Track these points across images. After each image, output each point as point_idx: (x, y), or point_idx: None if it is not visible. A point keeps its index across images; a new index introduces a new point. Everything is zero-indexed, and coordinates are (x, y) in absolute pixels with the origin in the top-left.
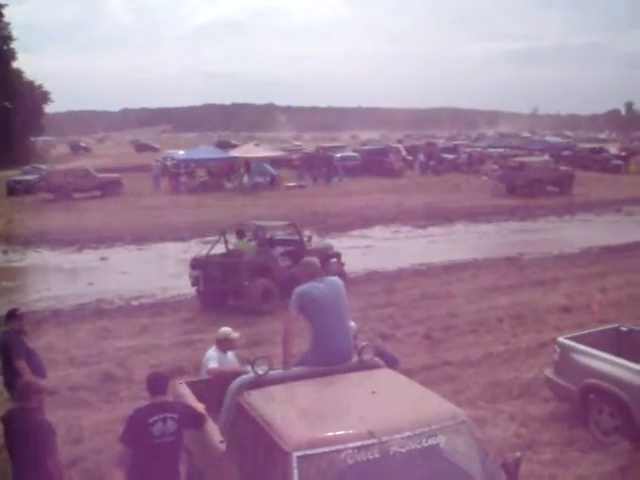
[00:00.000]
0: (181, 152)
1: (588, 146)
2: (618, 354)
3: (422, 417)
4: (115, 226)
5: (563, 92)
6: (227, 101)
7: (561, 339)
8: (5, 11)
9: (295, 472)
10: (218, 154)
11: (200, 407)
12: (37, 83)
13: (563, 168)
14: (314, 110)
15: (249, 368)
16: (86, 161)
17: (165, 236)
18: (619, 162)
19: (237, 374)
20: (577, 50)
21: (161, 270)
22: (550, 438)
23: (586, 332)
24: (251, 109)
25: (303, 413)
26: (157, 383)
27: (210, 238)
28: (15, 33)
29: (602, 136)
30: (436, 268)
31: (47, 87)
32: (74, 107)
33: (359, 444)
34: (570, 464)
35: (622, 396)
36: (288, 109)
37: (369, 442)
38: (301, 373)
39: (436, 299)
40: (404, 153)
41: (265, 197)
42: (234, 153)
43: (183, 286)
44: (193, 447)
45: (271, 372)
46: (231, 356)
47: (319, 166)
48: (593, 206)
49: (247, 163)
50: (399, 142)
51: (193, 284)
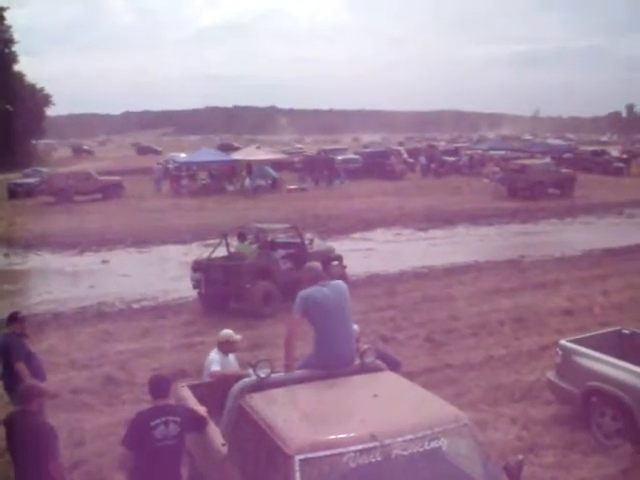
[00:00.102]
0: (183, 155)
1: (590, 149)
2: (620, 357)
3: (424, 420)
4: (116, 229)
5: (564, 95)
6: (229, 104)
7: (563, 342)
8: (6, 14)
9: (297, 475)
10: (220, 157)
11: (202, 410)
12: (38, 86)
13: (564, 171)
14: (316, 113)
15: (251, 371)
16: (88, 164)
17: (166, 239)
18: (620, 164)
19: (239, 377)
20: (578, 53)
21: (162, 273)
22: (552, 441)
23: (588, 335)
24: (253, 112)
25: (305, 416)
26: (159, 386)
27: (211, 241)
28: (16, 36)
29: (604, 139)
30: (437, 271)
31: (48, 90)
32: (75, 110)
33: (361, 447)
34: (572, 467)
35: (624, 399)
36: (290, 112)
37: (371, 445)
38: (303, 376)
39: (437, 302)
40: (405, 156)
41: (266, 200)
42: (236, 156)
43: (184, 289)
44: (195, 450)
45: (273, 375)
46: (232, 359)
47: (321, 169)
48: (595, 209)
49: (249, 166)
50: (400, 145)
51: (195, 287)
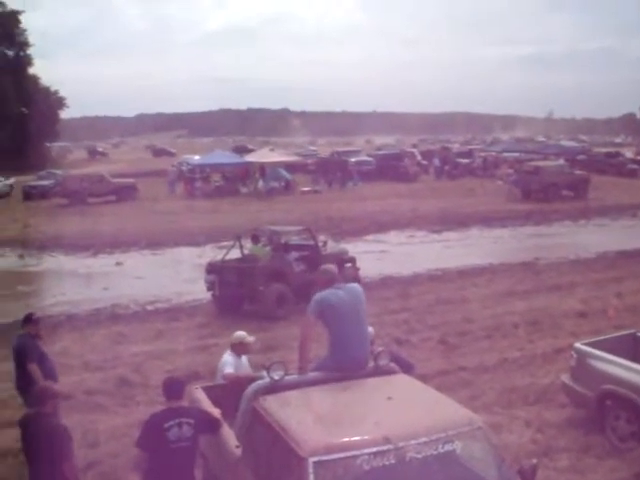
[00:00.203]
0: (196, 157)
1: (603, 150)
2: (635, 360)
3: (438, 423)
4: (130, 231)
5: (578, 96)
6: (242, 106)
7: (578, 345)
8: (21, 17)
9: (311, 477)
10: (233, 159)
11: (216, 412)
12: (53, 89)
13: (578, 172)
14: (329, 115)
15: (265, 373)
16: (102, 166)
17: (180, 241)
18: (635, 166)
19: (252, 379)
20: (590, 54)
21: (176, 275)
22: (566, 444)
23: (603, 338)
24: (266, 114)
25: (319, 418)
26: (173, 388)
27: (225, 243)
28: (31, 39)
29: (617, 140)
30: (451, 273)
31: (62, 93)
32: (89, 113)
33: (375, 450)
34: (587, 471)
35: (639, 402)
36: (302, 114)
37: (385, 448)
38: (317, 378)
39: (451, 304)
40: (419, 158)
41: (280, 202)
42: (249, 158)
43: (198, 291)
44: (209, 452)
45: (287, 377)
46: (244, 361)
47: (334, 171)
48: (609, 211)
49: (262, 168)
50: (414, 147)
51: (208, 289)
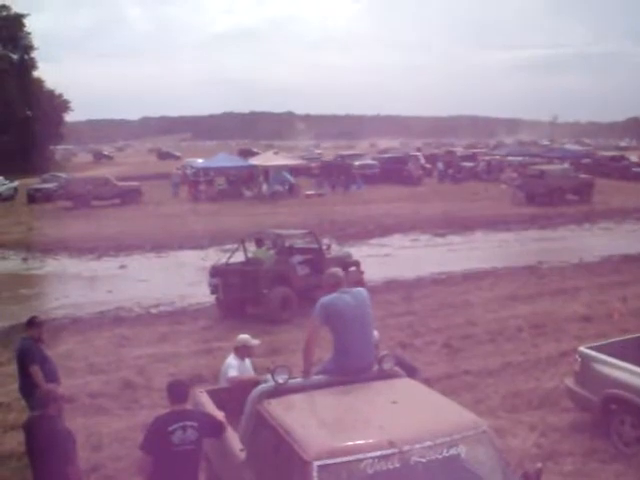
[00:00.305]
0: (200, 160)
1: (608, 154)
2: None
3: (443, 427)
4: (134, 234)
5: (582, 100)
6: (246, 109)
7: (582, 349)
8: (26, 21)
9: None
10: (237, 162)
11: (220, 415)
12: (57, 92)
13: (583, 176)
14: (333, 118)
15: (269, 377)
16: (106, 169)
17: (184, 244)
18: (639, 170)
19: (257, 382)
20: (596, 58)
21: (180, 278)
22: (571, 449)
23: (607, 342)
24: (270, 117)
25: (323, 422)
26: (178, 391)
27: (229, 246)
28: (35, 42)
29: (622, 144)
30: (455, 277)
31: (67, 96)
32: (93, 116)
33: (379, 454)
34: (591, 475)
35: None
36: (307, 117)
37: (390, 452)
38: (321, 382)
39: (455, 308)
40: (423, 161)
41: (284, 205)
42: (253, 161)
43: (202, 294)
44: (213, 455)
45: (291, 381)
46: (248, 364)
47: (338, 174)
48: (613, 214)
49: (266, 171)
50: (418, 150)
51: (212, 292)
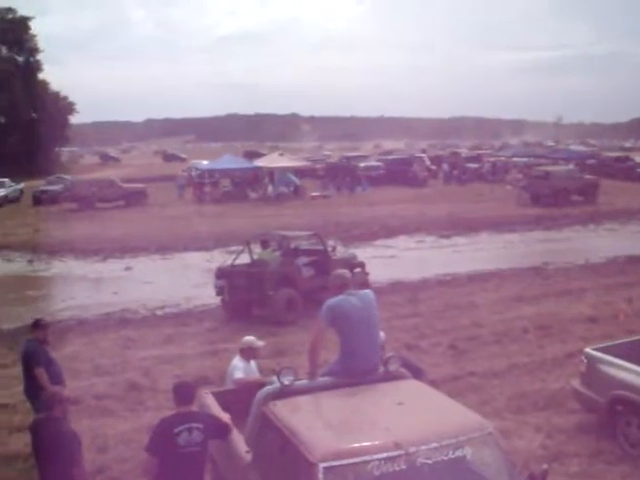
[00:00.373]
0: (205, 162)
1: (613, 155)
2: None
3: (449, 428)
4: (139, 236)
5: (586, 101)
6: (250, 111)
7: (588, 350)
8: (31, 23)
9: None
10: (242, 164)
11: (225, 417)
12: (62, 94)
13: (588, 177)
14: (337, 120)
15: (275, 378)
16: (112, 171)
17: (189, 246)
18: None
19: (262, 384)
20: (600, 59)
21: (185, 280)
22: (577, 450)
23: (614, 343)
24: (274, 119)
25: (329, 424)
26: (183, 393)
27: (234, 248)
28: (41, 45)
29: (627, 144)
30: (460, 278)
31: (72, 98)
32: (98, 118)
33: (385, 455)
34: (598, 476)
35: None
36: (311, 119)
37: (395, 453)
38: (327, 384)
39: (460, 309)
40: (428, 163)
41: (289, 207)
42: (258, 163)
43: (207, 296)
44: (218, 457)
45: (297, 382)
46: (253, 365)
47: (343, 176)
48: (618, 215)
49: (271, 173)
50: (423, 152)
51: (218, 294)
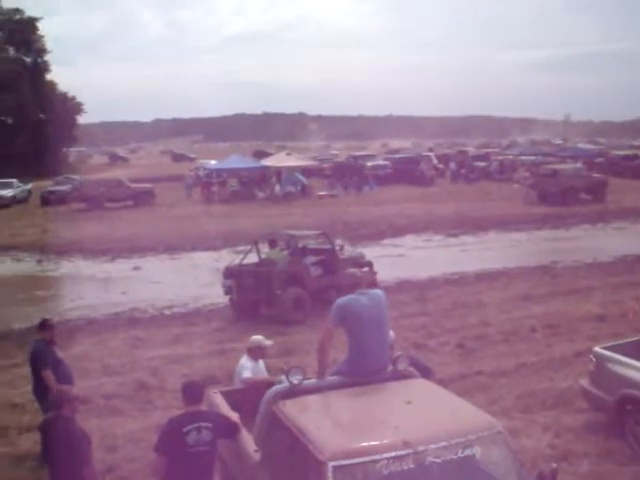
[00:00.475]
0: (213, 162)
1: (621, 153)
2: None
3: (458, 427)
4: (147, 236)
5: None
6: (258, 111)
7: (597, 349)
8: (39, 24)
9: None
10: (250, 164)
11: (234, 416)
12: (70, 95)
13: (596, 175)
14: (345, 119)
15: (283, 377)
16: (120, 171)
17: (197, 245)
18: None
19: (271, 384)
20: (609, 57)
21: (193, 279)
22: (586, 449)
23: (623, 342)
24: (282, 118)
25: (338, 423)
26: (192, 392)
27: (242, 247)
28: (48, 45)
29: (636, 143)
30: (468, 277)
31: (80, 98)
32: (106, 118)
33: (394, 454)
34: (607, 477)
35: None
36: (319, 118)
37: (405, 452)
38: (335, 383)
39: (468, 308)
40: (435, 161)
41: (297, 206)
42: (266, 162)
43: (215, 295)
44: (227, 456)
45: (305, 382)
46: (261, 364)
47: (350, 175)
48: (627, 214)
49: (278, 172)
50: (430, 150)
51: (226, 293)
